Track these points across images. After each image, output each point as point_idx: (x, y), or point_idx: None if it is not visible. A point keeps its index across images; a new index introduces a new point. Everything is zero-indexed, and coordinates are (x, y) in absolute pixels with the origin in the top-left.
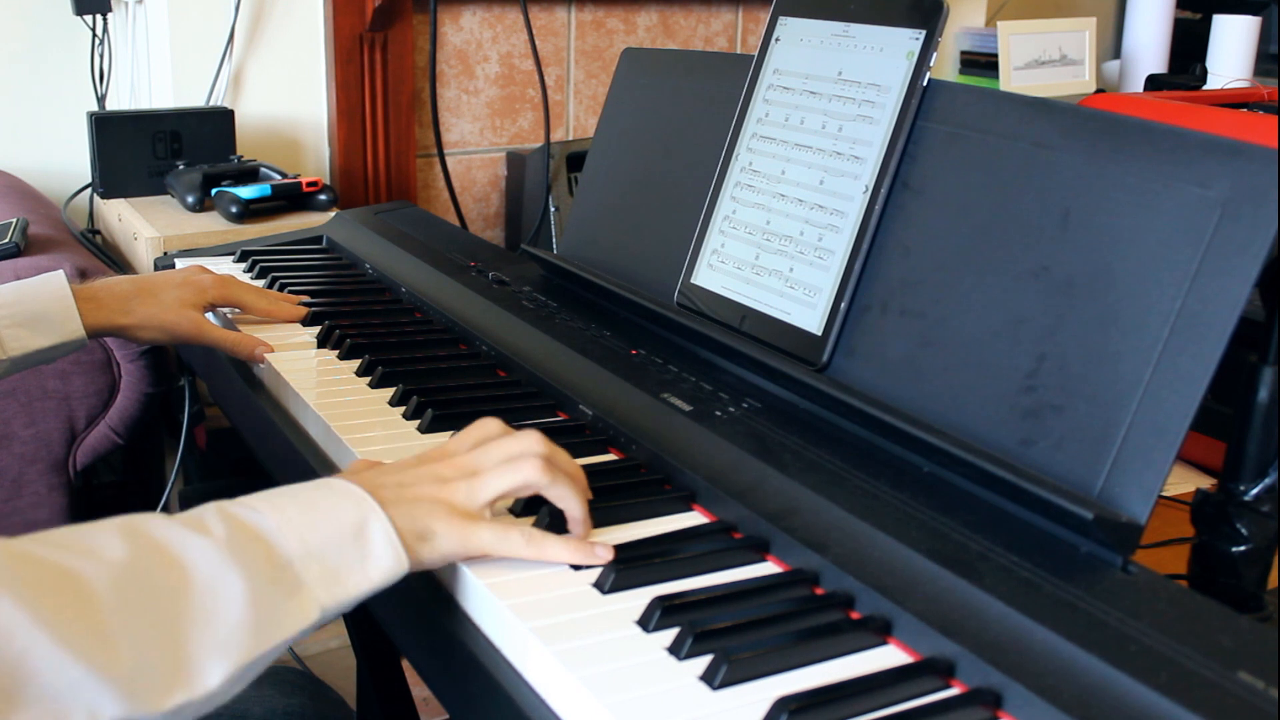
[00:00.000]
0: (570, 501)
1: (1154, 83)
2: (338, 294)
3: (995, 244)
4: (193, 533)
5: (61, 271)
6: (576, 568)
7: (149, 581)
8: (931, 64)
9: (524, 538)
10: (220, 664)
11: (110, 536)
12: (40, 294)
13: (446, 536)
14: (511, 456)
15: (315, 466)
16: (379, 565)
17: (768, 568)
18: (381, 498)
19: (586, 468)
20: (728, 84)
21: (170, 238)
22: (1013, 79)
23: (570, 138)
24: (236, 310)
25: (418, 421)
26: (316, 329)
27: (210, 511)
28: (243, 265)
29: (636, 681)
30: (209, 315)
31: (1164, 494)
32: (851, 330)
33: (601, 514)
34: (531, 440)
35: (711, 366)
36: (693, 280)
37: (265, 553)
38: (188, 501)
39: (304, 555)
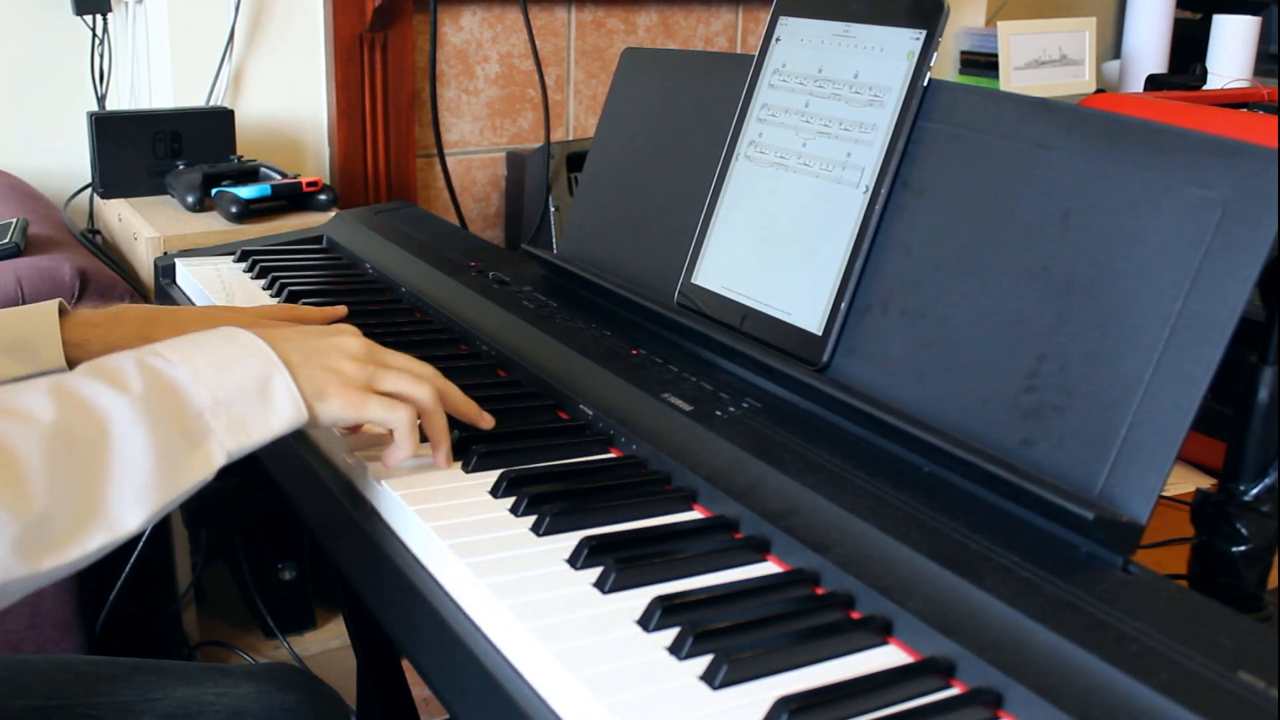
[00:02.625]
0: (403, 448)
1: (1154, 83)
2: (338, 294)
3: (995, 244)
4: (113, 389)
5: (57, 302)
6: (574, 566)
7: (73, 438)
8: (932, 64)
9: (410, 414)
10: (138, 509)
11: (41, 397)
12: (26, 321)
13: (339, 399)
14: (400, 395)
15: (316, 468)
16: (280, 416)
17: (768, 567)
18: (288, 358)
19: (587, 466)
20: (728, 84)
21: (170, 238)
22: (1013, 79)
23: (570, 138)
24: None
25: None
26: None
27: (131, 365)
28: (243, 265)
29: (637, 681)
30: None
31: (1164, 494)
32: (852, 330)
33: (602, 513)
34: (424, 393)
35: (712, 366)
36: (693, 280)
37: (179, 405)
38: (187, 502)
39: (214, 405)
